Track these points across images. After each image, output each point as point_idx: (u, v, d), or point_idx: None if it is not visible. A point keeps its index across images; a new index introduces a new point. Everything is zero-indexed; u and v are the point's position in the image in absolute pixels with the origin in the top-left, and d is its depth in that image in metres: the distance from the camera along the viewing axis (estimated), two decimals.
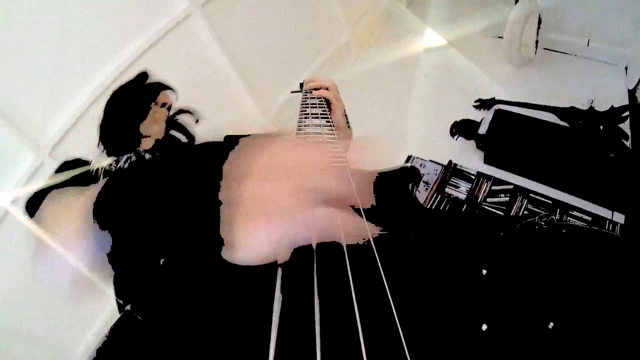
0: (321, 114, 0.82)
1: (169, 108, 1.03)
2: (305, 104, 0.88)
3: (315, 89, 0.93)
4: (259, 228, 0.28)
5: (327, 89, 0.93)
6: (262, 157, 0.31)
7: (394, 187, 0.61)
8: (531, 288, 0.38)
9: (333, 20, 2.67)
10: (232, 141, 0.34)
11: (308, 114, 0.81)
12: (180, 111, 1.09)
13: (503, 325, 0.33)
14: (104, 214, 0.33)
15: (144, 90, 1.01)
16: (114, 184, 0.36)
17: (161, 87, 1.03)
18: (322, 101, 0.89)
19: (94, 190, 0.36)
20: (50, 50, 1.53)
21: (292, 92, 1.06)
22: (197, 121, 1.12)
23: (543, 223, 0.53)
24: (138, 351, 0.35)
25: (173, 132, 1.06)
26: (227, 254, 0.29)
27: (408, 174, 0.64)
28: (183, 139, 1.07)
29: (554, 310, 0.35)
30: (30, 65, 1.49)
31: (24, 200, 0.63)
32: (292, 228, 0.29)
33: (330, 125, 0.75)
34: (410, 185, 0.63)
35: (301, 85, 0.98)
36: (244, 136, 0.35)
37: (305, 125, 0.74)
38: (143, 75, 1.05)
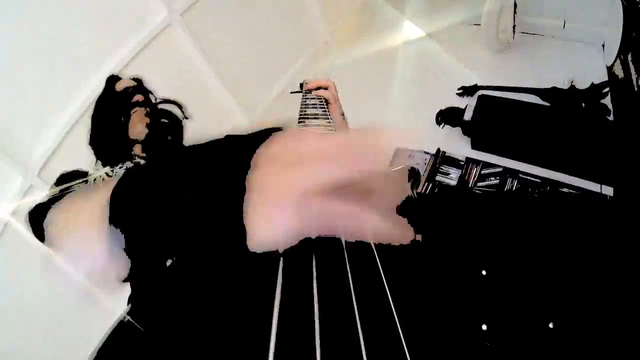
0: (321, 114, 0.81)
1: (143, 105, 1.00)
2: (305, 104, 0.87)
3: (315, 89, 0.92)
4: (275, 216, 0.28)
5: (326, 88, 0.92)
6: (294, 145, 0.31)
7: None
8: (531, 288, 0.38)
9: (313, 17, 2.68)
10: (259, 134, 0.33)
11: (308, 114, 0.80)
12: (164, 102, 1.08)
13: (503, 326, 0.33)
14: (119, 208, 0.32)
15: (119, 96, 1.01)
16: (132, 176, 0.35)
17: (133, 89, 1.03)
18: (322, 101, 0.89)
19: (105, 190, 0.34)
20: (31, 70, 1.51)
21: (291, 93, 1.04)
22: (184, 116, 1.11)
23: (536, 195, 0.54)
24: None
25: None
26: (249, 243, 0.29)
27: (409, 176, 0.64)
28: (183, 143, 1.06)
29: (554, 310, 0.35)
30: (12, 86, 1.47)
31: (24, 215, 0.63)
32: (304, 219, 0.28)
33: (331, 125, 0.75)
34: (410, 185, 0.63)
35: (301, 85, 0.97)
36: (260, 133, 0.34)
37: (305, 126, 0.73)
38: (112, 79, 1.05)
